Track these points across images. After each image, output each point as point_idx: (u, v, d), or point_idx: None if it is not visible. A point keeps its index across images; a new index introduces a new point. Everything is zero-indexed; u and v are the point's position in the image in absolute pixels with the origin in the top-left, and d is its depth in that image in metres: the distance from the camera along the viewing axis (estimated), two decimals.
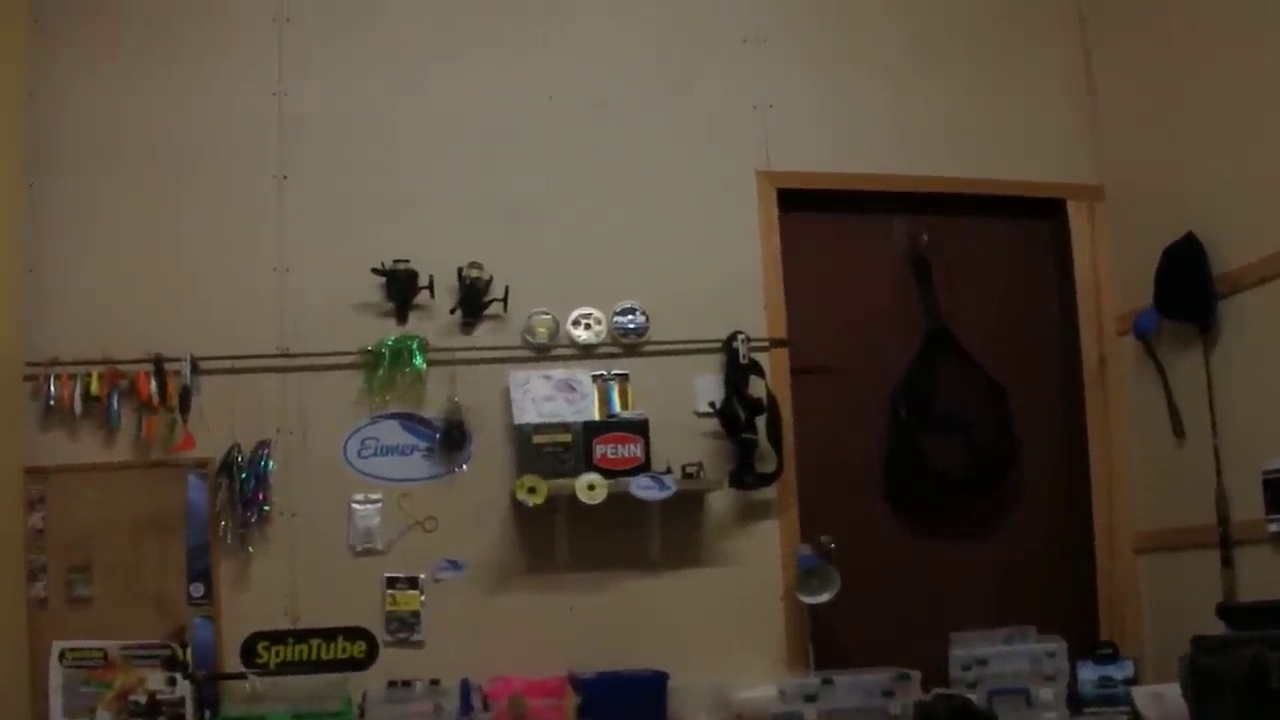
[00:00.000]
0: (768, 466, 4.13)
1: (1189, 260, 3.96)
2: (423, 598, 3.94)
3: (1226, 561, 3.83)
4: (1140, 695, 3.68)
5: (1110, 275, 4.47)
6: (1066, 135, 4.56)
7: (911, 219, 4.46)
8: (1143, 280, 4.13)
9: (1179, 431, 4.09)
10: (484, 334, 4.11)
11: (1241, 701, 3.06)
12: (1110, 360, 4.44)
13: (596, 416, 4.05)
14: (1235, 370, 3.87)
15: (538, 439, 3.95)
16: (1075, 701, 3.79)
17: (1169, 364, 4.13)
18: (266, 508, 3.88)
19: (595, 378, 4.12)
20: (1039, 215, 4.58)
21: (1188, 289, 3.97)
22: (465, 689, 3.71)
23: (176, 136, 4.05)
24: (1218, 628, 3.42)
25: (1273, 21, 3.73)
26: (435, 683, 3.74)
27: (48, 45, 4.00)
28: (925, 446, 4.30)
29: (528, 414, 4.00)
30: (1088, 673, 3.85)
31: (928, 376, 4.36)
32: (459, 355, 4.06)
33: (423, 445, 4.03)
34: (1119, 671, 3.83)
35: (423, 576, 3.96)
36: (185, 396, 3.86)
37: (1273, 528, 3.64)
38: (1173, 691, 3.35)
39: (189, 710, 3.59)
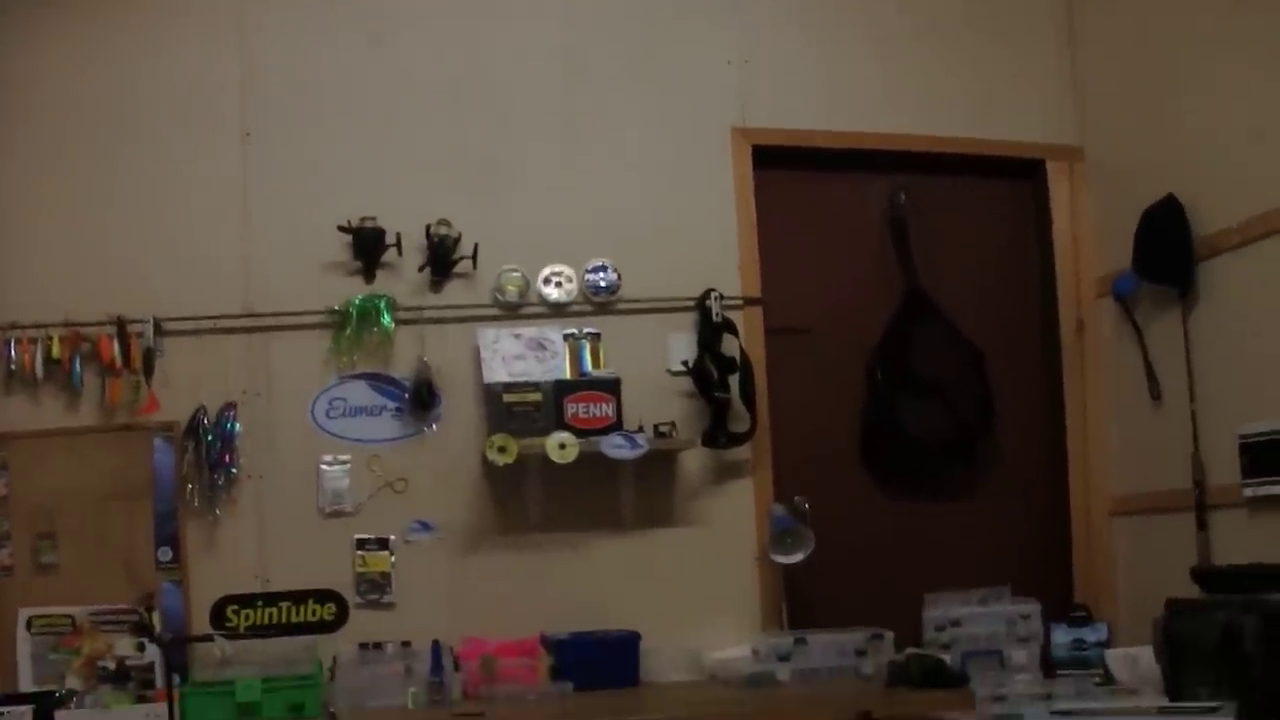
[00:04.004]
0: (741, 426, 4.10)
1: (1169, 223, 3.93)
2: (393, 559, 3.92)
3: (1201, 525, 3.84)
4: (1114, 658, 3.66)
5: (1089, 237, 4.43)
6: (1047, 96, 4.51)
7: (890, 179, 4.40)
8: (1122, 242, 4.10)
9: (1156, 394, 4.08)
10: (453, 292, 4.06)
11: (1215, 665, 3.06)
12: (1088, 323, 4.41)
13: (568, 375, 4.02)
14: (1213, 334, 3.85)
15: (508, 398, 3.91)
16: (1048, 663, 3.78)
17: (1147, 327, 4.11)
18: (234, 470, 3.84)
19: (566, 336, 4.08)
20: (1018, 176, 4.53)
21: (1167, 251, 3.94)
22: (436, 650, 3.68)
23: (137, 94, 3.96)
24: (1192, 591, 3.41)
25: None
26: (406, 644, 3.72)
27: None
28: (901, 409, 4.27)
29: (498, 373, 3.97)
30: (1061, 635, 3.83)
31: (905, 339, 4.33)
32: (428, 314, 4.01)
33: (392, 405, 3.98)
34: (1092, 634, 3.81)
35: (393, 538, 3.93)
36: (149, 359, 3.80)
37: (1248, 492, 3.63)
38: (1146, 654, 3.34)
39: (158, 675, 3.55)
